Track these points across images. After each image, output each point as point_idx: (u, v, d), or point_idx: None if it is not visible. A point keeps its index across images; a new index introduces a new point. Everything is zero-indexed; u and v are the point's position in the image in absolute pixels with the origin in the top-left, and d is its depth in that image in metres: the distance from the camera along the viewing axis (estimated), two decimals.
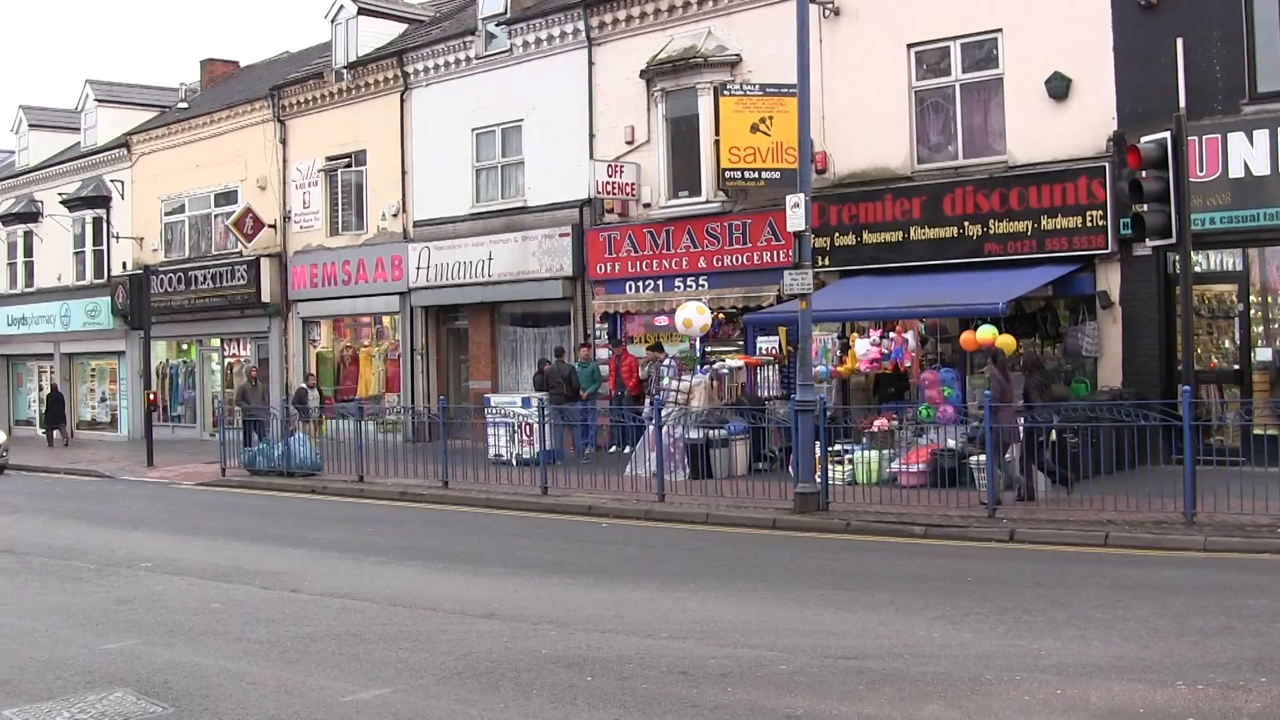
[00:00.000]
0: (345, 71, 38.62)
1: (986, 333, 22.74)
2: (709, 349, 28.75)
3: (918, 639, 11.58)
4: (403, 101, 37.02)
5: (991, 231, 24.66)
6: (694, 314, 26.46)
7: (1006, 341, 22.72)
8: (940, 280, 24.77)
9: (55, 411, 47.18)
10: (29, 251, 54.09)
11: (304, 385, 33.39)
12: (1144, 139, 19.64)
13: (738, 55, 28.62)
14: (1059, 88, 24.12)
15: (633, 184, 30.35)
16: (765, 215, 27.76)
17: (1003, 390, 20.69)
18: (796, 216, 20.57)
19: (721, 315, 28.58)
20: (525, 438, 27.84)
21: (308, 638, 12.13)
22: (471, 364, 35.33)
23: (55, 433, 46.35)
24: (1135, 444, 19.01)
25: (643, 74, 30.04)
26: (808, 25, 21.16)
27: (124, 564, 17.59)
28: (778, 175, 26.64)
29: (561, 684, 10.12)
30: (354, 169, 38.73)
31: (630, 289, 30.68)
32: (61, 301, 50.80)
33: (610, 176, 30.25)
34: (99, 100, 51.55)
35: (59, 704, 9.96)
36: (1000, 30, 25.00)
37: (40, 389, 55.06)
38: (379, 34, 39.18)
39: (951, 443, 21.62)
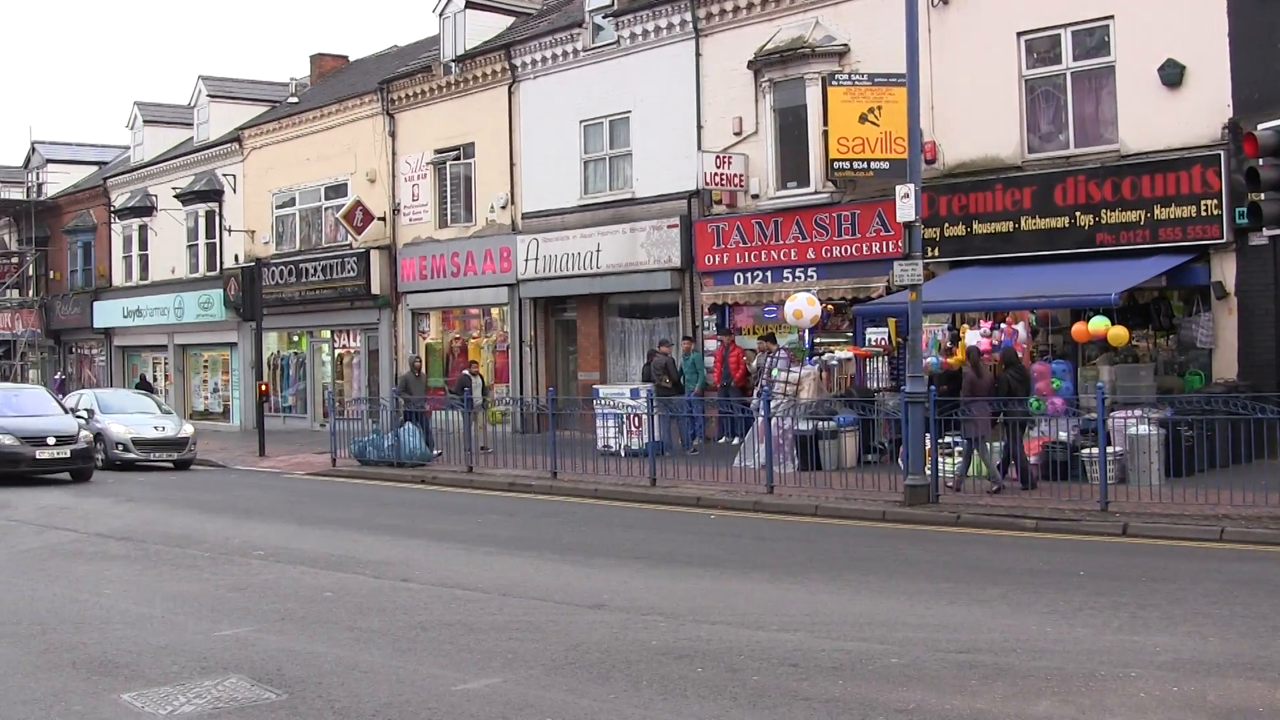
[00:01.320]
0: (453, 65, 38.82)
1: (1099, 324, 22.52)
2: (818, 340, 28.64)
3: (1030, 633, 11.47)
4: (510, 94, 37.16)
5: (1103, 221, 24.36)
6: (804, 305, 26.36)
7: (1118, 333, 22.49)
8: (1051, 271, 24.52)
9: None
10: (144, 245, 54.88)
11: (466, 372, 32.94)
12: (1261, 126, 19.29)
13: (845, 45, 28.47)
14: (1172, 75, 23.78)
15: (741, 175, 30.27)
16: (874, 206, 27.60)
17: (973, 386, 21.32)
18: (906, 207, 20.45)
19: (831, 306, 28.43)
20: (634, 429, 27.88)
21: (418, 627, 12.20)
22: (580, 355, 35.39)
23: None
24: (1251, 437, 18.77)
25: (750, 65, 29.95)
26: (917, 14, 21.00)
27: (238, 552, 17.78)
28: (887, 165, 26.48)
29: (672, 675, 10.11)
30: (462, 161, 38.93)
31: (739, 280, 30.61)
32: (175, 294, 51.49)
33: (718, 168, 30.19)
34: (211, 96, 52.22)
35: (175, 688, 10.07)
36: (1112, 17, 24.67)
37: (155, 380, 55.83)
38: (487, 27, 39.35)
39: (1063, 435, 21.41)
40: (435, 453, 30.29)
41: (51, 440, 29.25)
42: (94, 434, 31.53)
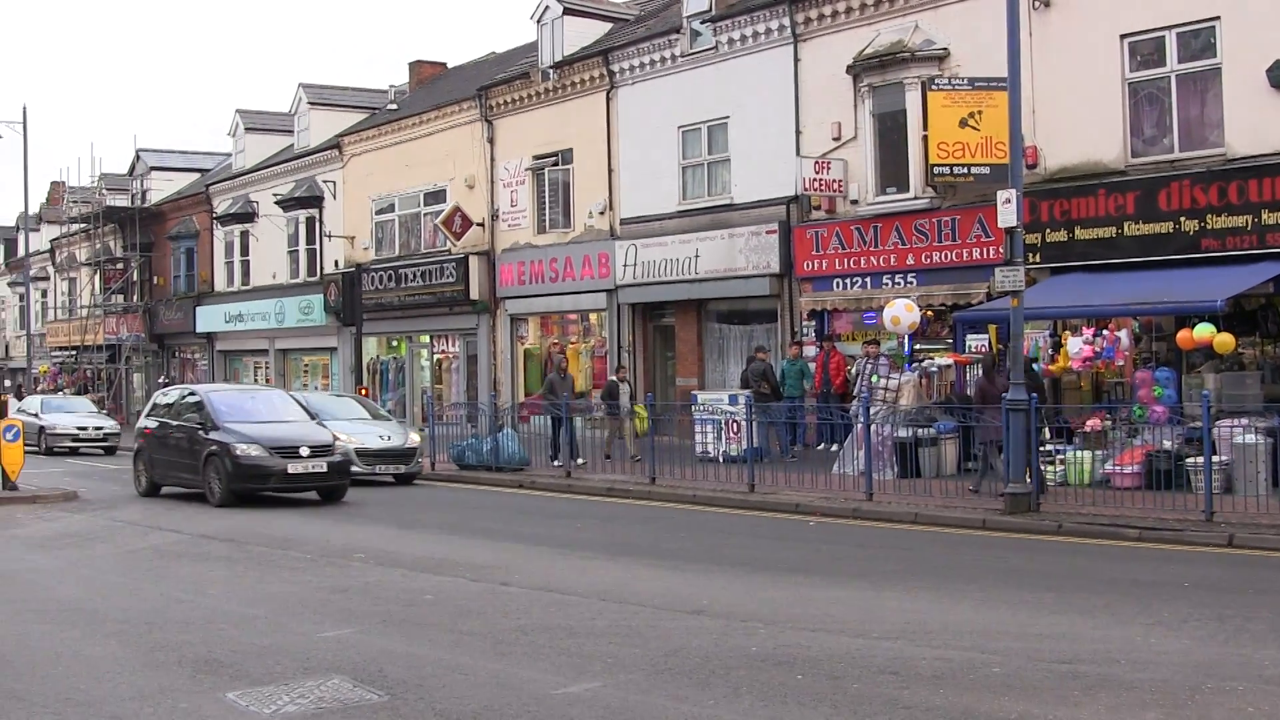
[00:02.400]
0: (551, 71, 38.93)
1: (1204, 331, 22.25)
2: (917, 347, 28.50)
3: (1134, 644, 11.35)
4: (608, 100, 37.23)
5: (1209, 227, 24.02)
6: (902, 311, 26.23)
7: (1224, 340, 22.21)
8: (1155, 277, 24.21)
9: None
10: (245, 250, 55.46)
11: (614, 378, 32.14)
12: None
13: (945, 49, 28.31)
14: None
15: (840, 180, 30.16)
16: (975, 211, 27.40)
17: (983, 392, 22.17)
18: (1008, 212, 20.32)
19: (930, 313, 28.27)
20: (732, 435, 27.84)
21: (519, 630, 12.23)
22: (678, 361, 35.38)
23: None
24: None
25: (849, 69, 29.84)
26: (1018, 17, 20.86)
27: (339, 554, 17.93)
28: (987, 170, 26.30)
29: (772, 682, 10.09)
30: (560, 167, 39.04)
31: (837, 286, 30.50)
32: (276, 299, 51.99)
33: (817, 173, 30.09)
34: (311, 103, 52.70)
35: (279, 688, 10.16)
36: (1218, 18, 24.32)
37: (255, 384, 56.38)
38: (584, 33, 39.43)
39: (1167, 444, 21.18)
40: (579, 461, 29.60)
41: (305, 451, 25.07)
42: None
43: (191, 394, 28.02)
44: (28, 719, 9.55)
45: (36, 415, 43.75)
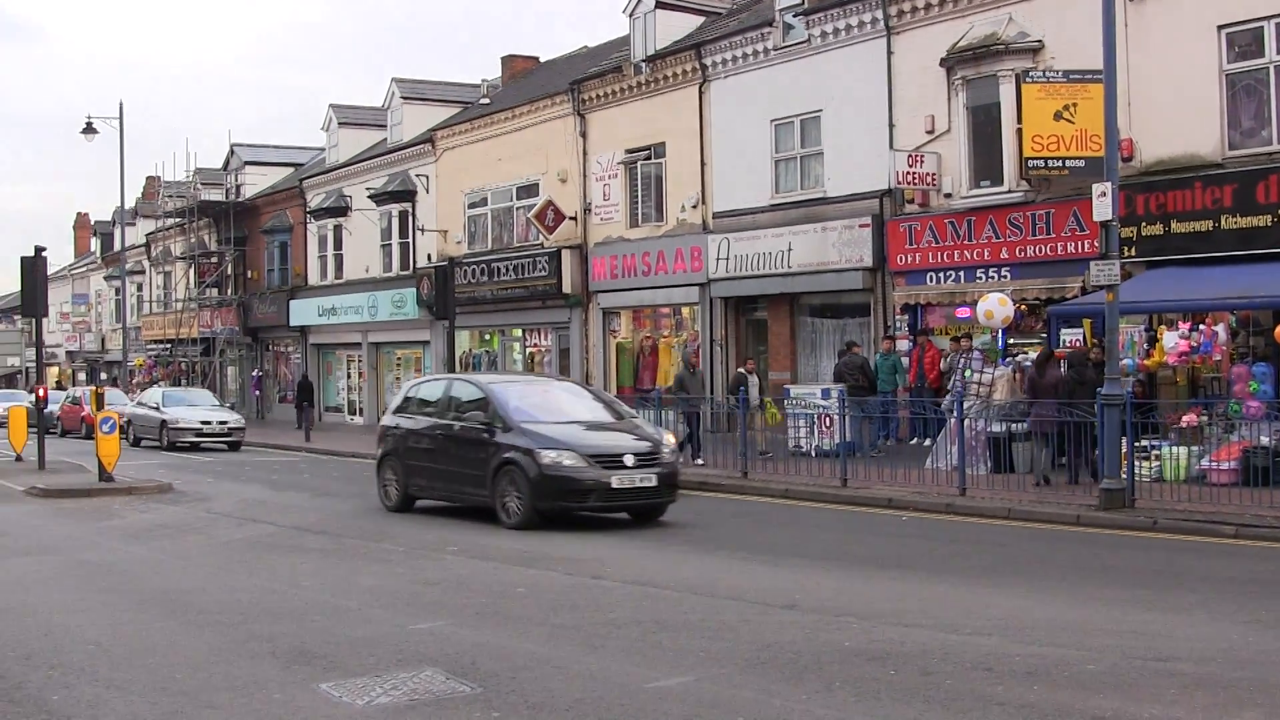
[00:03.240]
0: (644, 65, 38.96)
1: None
2: (1011, 341, 28.31)
3: (1231, 643, 11.24)
4: (701, 93, 37.21)
5: None
6: (996, 305, 26.08)
7: None
8: (1252, 271, 23.93)
9: (304, 398, 49.32)
10: (338, 244, 55.88)
11: (741, 370, 30.92)
12: None
13: (1039, 41, 28.08)
14: None
15: (933, 174, 30.02)
16: (1069, 205, 27.17)
17: (1034, 385, 22.85)
18: (1103, 205, 20.14)
19: (1024, 307, 28.08)
20: (825, 429, 27.77)
21: (610, 624, 12.27)
22: (770, 355, 35.33)
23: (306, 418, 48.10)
24: None
25: (942, 62, 29.67)
26: (1113, 8, 20.66)
27: (432, 548, 18.04)
28: (1082, 164, 26.09)
29: (865, 677, 10.06)
30: (653, 161, 39.06)
31: (931, 280, 30.35)
32: (369, 293, 52.33)
33: (910, 166, 29.96)
34: (404, 98, 53.04)
35: (372, 679, 10.22)
36: None
37: (348, 377, 56.83)
38: (676, 27, 39.42)
39: (1265, 440, 20.93)
40: (698, 461, 28.66)
41: (629, 460, 20.16)
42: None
43: (466, 385, 23.30)
44: (126, 707, 9.66)
45: (158, 408, 43.85)
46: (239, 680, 10.36)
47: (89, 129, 55.89)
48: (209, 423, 42.66)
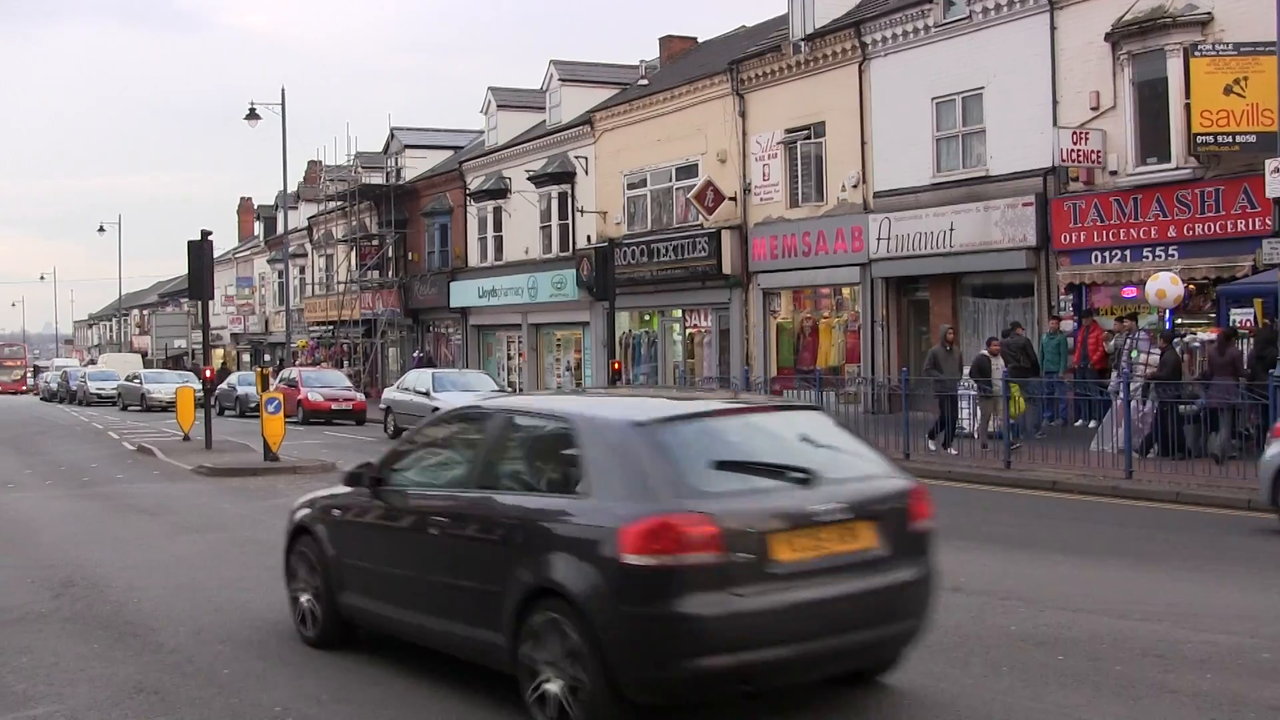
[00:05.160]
0: (803, 44, 38.74)
1: None
2: (1178, 321, 27.78)
3: None
4: (861, 72, 36.93)
5: None
6: (1167, 285, 25.60)
7: None
8: None
9: None
10: (498, 226, 56.23)
11: (985, 353, 27.98)
12: None
13: (1208, 14, 27.47)
14: None
15: (1098, 151, 29.54)
16: (1239, 181, 26.57)
17: (1212, 364, 22.96)
18: (1276, 182, 19.80)
19: (1192, 286, 27.54)
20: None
21: None
22: (932, 335, 34.93)
23: None
24: None
25: (1107, 37, 29.17)
26: None
27: None
28: (1254, 139, 25.52)
29: (1032, 662, 9.96)
30: (813, 140, 38.84)
31: (1095, 259, 29.88)
32: (529, 274, 52.62)
33: (1075, 144, 29.52)
34: (563, 80, 53.24)
35: None
36: None
37: (508, 358, 57.26)
38: (835, 5, 39.12)
39: None
40: (950, 451, 26.46)
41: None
42: None
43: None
44: (294, 682, 9.87)
45: (427, 394, 38.14)
46: None
47: (252, 115, 56.75)
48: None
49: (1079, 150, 29.48)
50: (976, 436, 26.85)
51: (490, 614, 9.08)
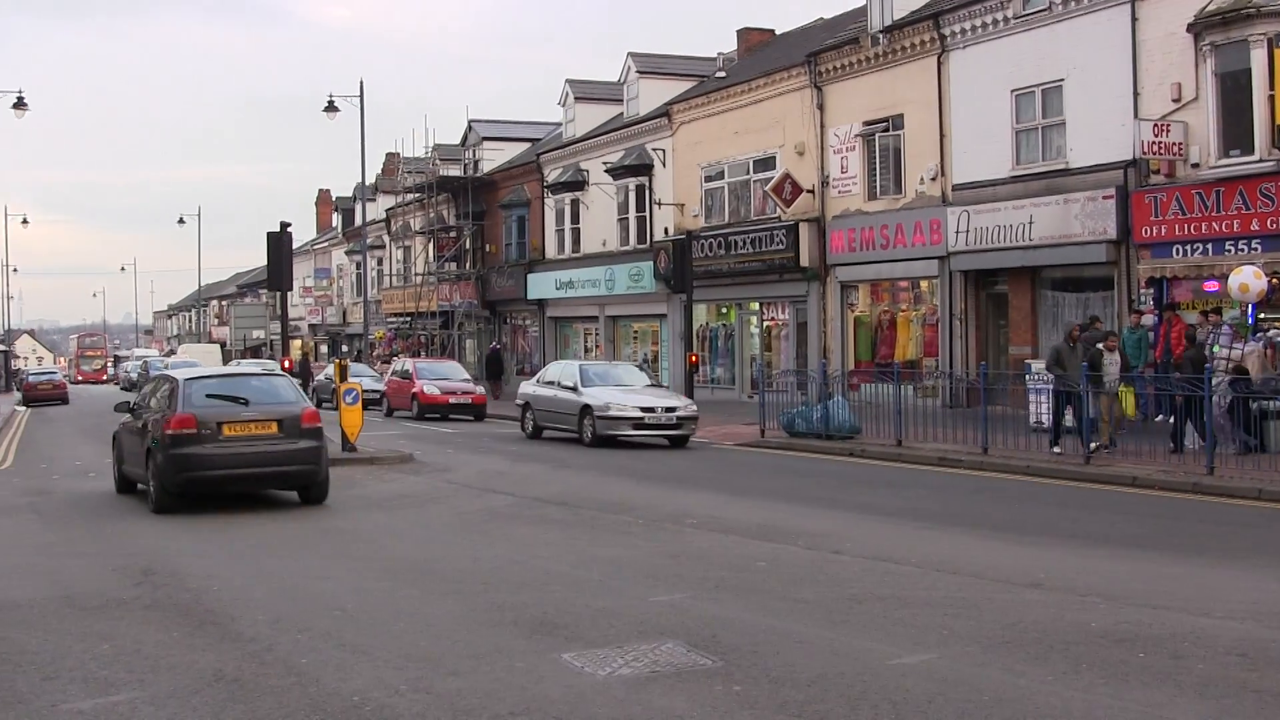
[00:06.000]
0: (881, 36, 38.60)
1: None
2: (1262, 315, 27.46)
3: None
4: (939, 64, 36.76)
5: None
6: (1251, 279, 25.28)
7: None
8: None
9: (494, 368, 52.44)
10: (575, 218, 56.35)
11: (1100, 346, 26.42)
12: None
13: None
14: None
15: (1180, 143, 29.27)
16: None
17: None
18: None
19: (1276, 280, 27.22)
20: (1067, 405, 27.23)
21: (851, 599, 12.19)
22: (1011, 329, 34.82)
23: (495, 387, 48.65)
24: None
25: (1189, 28, 28.90)
26: None
27: (670, 520, 18.10)
28: None
29: (1112, 659, 9.86)
30: (891, 133, 38.69)
31: (1177, 253, 29.61)
32: (606, 266, 52.73)
33: (1156, 136, 29.25)
34: (640, 72, 53.32)
35: (613, 650, 10.29)
36: None
37: (585, 350, 57.30)
38: None
39: None
40: (1092, 446, 24.16)
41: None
42: None
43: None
44: (373, 672, 9.86)
45: (575, 389, 32.71)
46: (482, 649, 10.52)
47: (330, 107, 57.04)
48: (653, 410, 31.28)
49: (1160, 142, 29.22)
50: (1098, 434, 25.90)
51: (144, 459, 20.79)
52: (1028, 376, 28.90)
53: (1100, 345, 26.35)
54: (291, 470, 20.42)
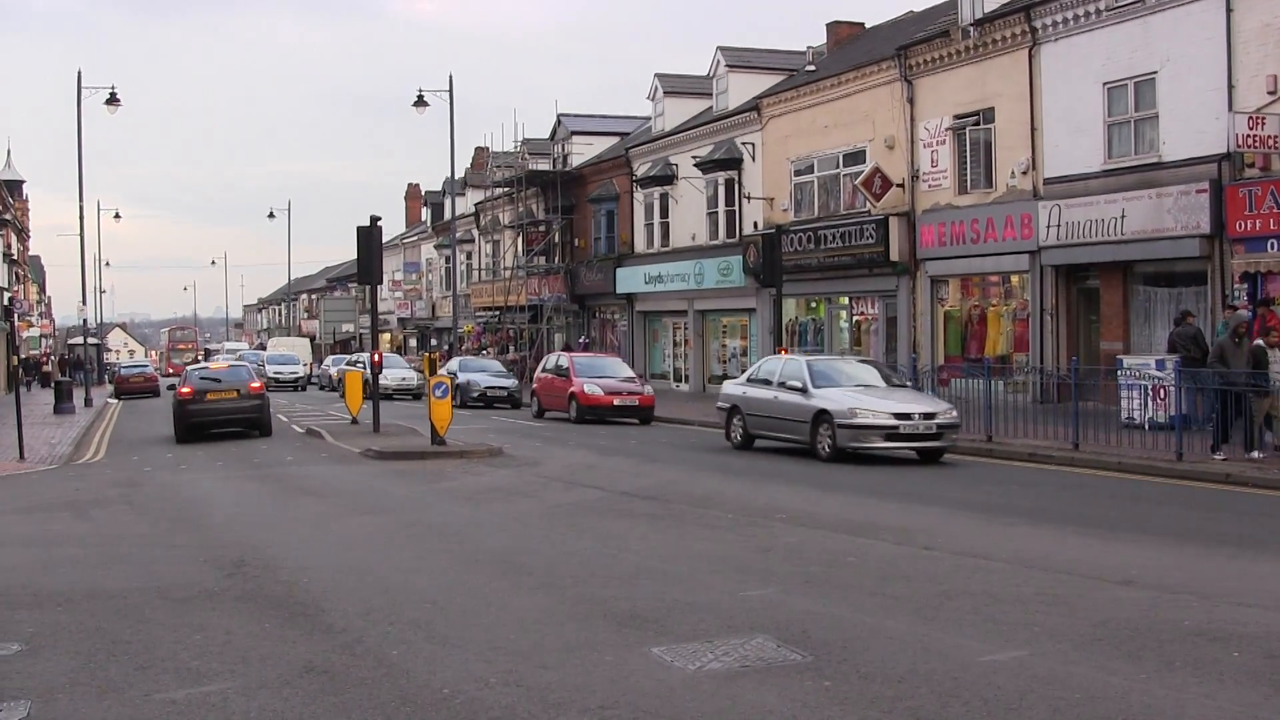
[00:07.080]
0: (972, 29, 38.37)
1: None
2: None
3: None
4: (1030, 57, 36.47)
5: None
6: None
7: None
8: None
9: None
10: (664, 212, 56.40)
11: (1261, 343, 24.74)
12: None
13: None
14: None
15: (1275, 136, 28.92)
16: None
17: None
18: None
19: None
20: (1159, 401, 27.03)
21: (942, 595, 12.16)
22: (1102, 324, 34.52)
23: None
24: None
25: None
26: None
27: (760, 514, 18.11)
28: None
29: (1206, 658, 9.78)
30: (981, 127, 38.44)
31: (1272, 247, 29.23)
32: (695, 260, 52.72)
33: (1251, 129, 28.92)
34: (729, 66, 53.26)
35: (703, 645, 10.31)
36: None
37: (674, 345, 57.35)
38: None
39: None
40: (1217, 455, 23.14)
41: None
42: None
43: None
44: (461, 665, 9.93)
45: (804, 390, 27.72)
46: (571, 642, 10.58)
47: (420, 102, 57.45)
48: (908, 418, 26.01)
49: (1255, 135, 28.88)
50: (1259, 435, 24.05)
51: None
52: (1119, 372, 28.67)
53: (1261, 342, 24.85)
54: (246, 418, 36.41)
